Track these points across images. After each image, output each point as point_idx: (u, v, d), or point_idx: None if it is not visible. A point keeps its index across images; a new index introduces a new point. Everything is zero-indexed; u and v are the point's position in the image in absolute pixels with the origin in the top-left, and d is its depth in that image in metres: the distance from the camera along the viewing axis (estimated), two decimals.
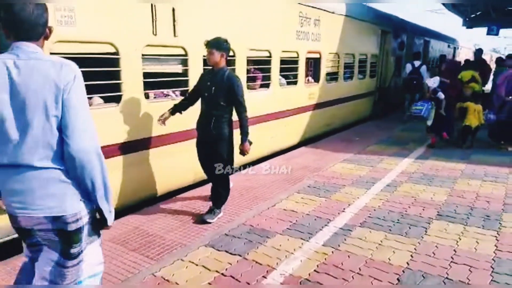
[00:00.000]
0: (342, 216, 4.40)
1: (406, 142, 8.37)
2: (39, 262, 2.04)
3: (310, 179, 5.74)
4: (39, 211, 1.90)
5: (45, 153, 1.87)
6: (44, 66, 1.85)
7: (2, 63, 1.83)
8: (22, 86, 1.81)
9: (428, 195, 5.06)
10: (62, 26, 3.67)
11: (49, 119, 1.84)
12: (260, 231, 4.02)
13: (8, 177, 1.89)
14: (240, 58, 6.03)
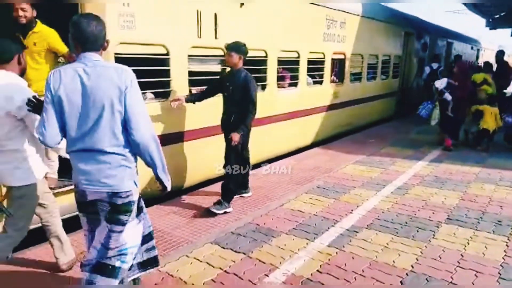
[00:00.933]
0: (349, 217, 4.39)
1: (421, 144, 8.25)
2: (98, 231, 2.46)
3: (320, 180, 5.73)
4: (103, 187, 2.35)
5: (111, 141, 2.31)
6: (108, 71, 2.29)
7: (74, 71, 2.28)
8: (92, 88, 2.25)
9: (440, 199, 5.00)
10: (124, 30, 4.15)
11: (114, 114, 2.28)
12: (266, 230, 4.05)
13: (81, 160, 2.35)
14: (272, 58, 6.47)
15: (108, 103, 2.25)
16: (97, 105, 2.26)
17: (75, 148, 2.35)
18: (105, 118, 2.27)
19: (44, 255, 3.46)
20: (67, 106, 2.28)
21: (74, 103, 2.28)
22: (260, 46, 6.25)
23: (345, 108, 9.26)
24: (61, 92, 2.27)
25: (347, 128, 9.65)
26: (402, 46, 11.94)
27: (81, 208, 2.48)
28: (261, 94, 6.07)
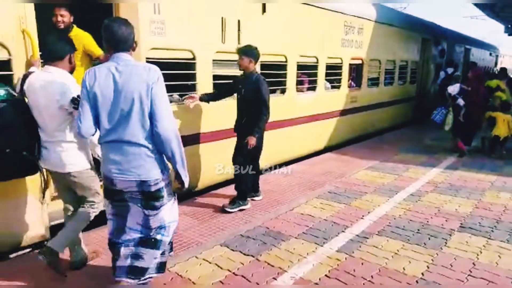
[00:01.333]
0: (360, 223, 4.36)
1: (436, 151, 8.15)
2: (131, 215, 2.69)
3: (332, 185, 5.71)
4: (131, 176, 2.57)
5: (140, 133, 2.54)
6: (138, 69, 2.54)
7: (107, 69, 2.54)
8: (123, 85, 2.49)
9: (453, 206, 4.92)
10: (155, 36, 4.40)
11: (143, 108, 2.50)
12: (275, 233, 4.05)
13: (112, 150, 2.58)
14: (291, 63, 6.66)
15: (137, 98, 2.49)
16: (128, 100, 2.49)
17: (107, 139, 2.59)
18: (135, 112, 2.50)
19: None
20: (101, 101, 2.53)
21: (107, 98, 2.52)
22: (280, 51, 6.46)
23: (362, 113, 9.39)
24: (96, 89, 2.52)
25: (364, 132, 9.72)
26: (419, 52, 12.03)
27: (109, 195, 2.70)
28: (281, 98, 6.60)
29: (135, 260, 2.71)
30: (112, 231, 2.77)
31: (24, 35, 3.50)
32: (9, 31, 3.42)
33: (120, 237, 2.73)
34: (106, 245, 2.89)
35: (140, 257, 2.71)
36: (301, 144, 7.40)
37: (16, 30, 3.46)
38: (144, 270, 2.72)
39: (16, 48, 3.47)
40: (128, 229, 2.72)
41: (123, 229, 2.73)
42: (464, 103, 7.56)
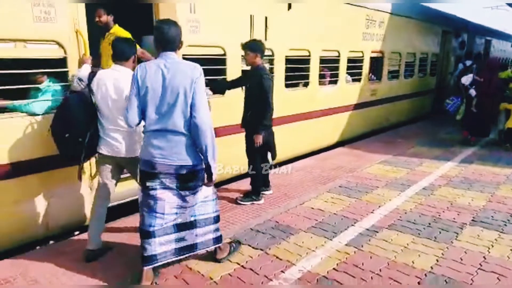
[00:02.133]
0: (370, 217, 4.36)
1: (451, 144, 8.03)
2: (169, 196, 2.97)
3: (343, 179, 5.70)
4: (172, 161, 2.88)
5: (182, 123, 2.83)
6: (183, 66, 2.86)
7: (156, 66, 2.85)
8: (170, 80, 2.80)
9: (466, 200, 4.87)
10: (191, 34, 4.72)
11: (186, 100, 2.80)
12: (285, 227, 4.09)
13: (157, 137, 2.87)
14: (314, 57, 6.92)
15: (182, 92, 2.79)
16: (174, 94, 2.80)
17: (152, 128, 2.88)
18: (179, 105, 2.81)
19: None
20: (150, 94, 2.83)
21: (156, 91, 2.83)
22: (304, 46, 6.72)
23: (383, 105, 9.60)
24: (146, 83, 2.82)
25: (384, 124, 9.89)
26: (439, 44, 12.06)
27: (147, 178, 2.96)
28: (304, 91, 6.95)
29: (179, 242, 3.08)
30: (145, 221, 2.99)
31: (77, 35, 3.84)
32: (65, 31, 3.73)
33: (155, 224, 2.97)
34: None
35: (183, 239, 3.08)
36: (323, 136, 7.70)
37: (71, 31, 3.78)
38: (192, 246, 3.12)
39: (71, 47, 3.79)
40: (161, 215, 2.97)
41: (155, 217, 2.96)
42: (476, 93, 7.71)
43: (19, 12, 3.41)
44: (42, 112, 3.69)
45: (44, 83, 3.81)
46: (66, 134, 3.31)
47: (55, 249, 3.66)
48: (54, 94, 3.79)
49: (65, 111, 3.35)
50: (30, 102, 3.66)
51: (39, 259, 3.44)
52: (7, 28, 3.37)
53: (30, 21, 3.48)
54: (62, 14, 3.67)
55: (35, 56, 3.61)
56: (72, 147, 3.35)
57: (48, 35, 3.63)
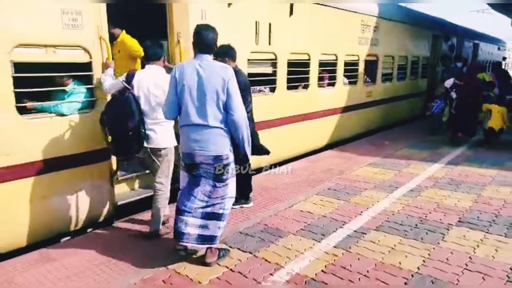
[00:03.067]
0: (358, 219, 4.39)
1: (438, 146, 8.13)
2: (201, 185, 3.26)
3: (332, 182, 5.74)
4: (209, 152, 3.17)
5: (215, 118, 3.14)
6: (217, 68, 3.17)
7: (193, 66, 3.15)
8: (205, 79, 3.10)
9: (452, 201, 4.93)
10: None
11: (219, 98, 3.11)
12: (274, 230, 4.10)
13: (194, 131, 3.17)
14: (314, 61, 7.30)
15: (215, 90, 3.09)
16: (208, 91, 3.09)
17: (189, 122, 3.17)
18: (212, 101, 3.10)
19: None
20: (187, 91, 3.13)
21: (193, 89, 3.12)
22: (304, 50, 7.09)
23: (377, 107, 10.01)
24: (184, 81, 3.12)
25: (378, 125, 10.25)
26: (430, 48, 12.49)
27: (187, 168, 3.29)
28: (304, 93, 7.35)
29: (203, 229, 3.30)
30: (182, 200, 3.32)
31: (101, 41, 4.11)
32: (90, 38, 4.00)
33: (187, 205, 3.28)
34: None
35: (206, 227, 3.30)
36: (321, 135, 8.05)
37: (95, 37, 4.05)
38: (212, 238, 3.32)
39: (95, 52, 4.06)
40: (194, 198, 3.27)
41: (190, 198, 3.28)
42: (456, 96, 8.22)
43: (51, 20, 3.67)
44: (69, 113, 3.96)
45: (70, 85, 4.08)
46: (130, 132, 3.63)
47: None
48: (79, 96, 4.09)
49: (126, 108, 3.63)
50: (59, 103, 3.92)
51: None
52: (40, 34, 3.62)
53: (60, 28, 3.74)
54: (87, 21, 3.94)
55: (63, 61, 3.88)
56: (130, 142, 3.68)
57: (75, 41, 3.89)
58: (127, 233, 4.07)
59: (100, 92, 4.08)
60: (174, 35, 4.91)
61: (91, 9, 3.96)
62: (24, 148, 3.64)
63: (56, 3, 3.68)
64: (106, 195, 4.40)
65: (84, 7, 3.89)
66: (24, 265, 3.45)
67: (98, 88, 4.09)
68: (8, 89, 3.48)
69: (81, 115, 4.06)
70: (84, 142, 4.09)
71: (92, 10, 3.98)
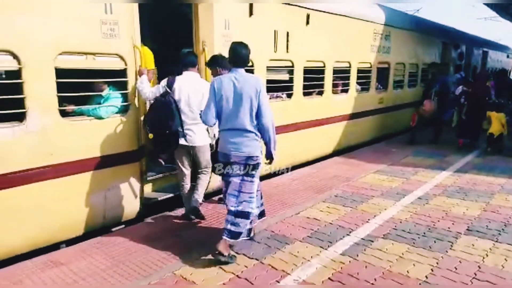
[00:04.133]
0: (365, 226, 4.37)
1: (446, 154, 8.08)
2: (233, 182, 3.66)
3: (338, 189, 5.72)
4: (243, 153, 3.59)
5: (249, 123, 3.55)
6: (249, 79, 3.60)
7: (229, 78, 3.58)
8: (240, 89, 3.52)
9: (461, 210, 4.89)
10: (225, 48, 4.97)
11: (252, 106, 3.53)
12: (280, 237, 4.09)
13: (231, 135, 3.59)
14: (329, 68, 7.57)
15: (249, 99, 3.51)
16: (243, 100, 3.51)
17: (226, 127, 3.62)
18: (247, 108, 3.52)
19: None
20: (224, 100, 3.55)
21: (230, 98, 3.54)
22: (319, 58, 7.35)
23: (389, 113, 10.25)
24: (222, 91, 3.55)
25: (390, 131, 10.39)
26: (440, 56, 12.66)
27: (225, 166, 3.69)
28: (319, 99, 7.62)
29: (233, 226, 3.61)
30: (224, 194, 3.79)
31: (135, 50, 4.39)
32: (126, 46, 4.29)
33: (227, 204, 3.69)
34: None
35: (237, 225, 3.61)
36: (336, 140, 8.30)
37: (130, 46, 4.34)
38: (239, 234, 3.63)
39: (130, 60, 4.35)
40: (229, 196, 3.67)
41: (227, 198, 3.69)
42: (465, 102, 8.63)
43: (91, 29, 3.97)
44: (106, 116, 4.25)
45: (105, 90, 4.36)
46: (169, 131, 4.09)
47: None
48: (115, 100, 4.37)
49: (168, 111, 4.10)
50: (98, 107, 4.22)
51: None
52: (81, 42, 3.91)
53: (99, 37, 4.03)
54: (123, 31, 4.21)
55: (102, 68, 4.14)
56: (170, 140, 4.14)
57: (113, 49, 4.18)
58: (134, 237, 4.08)
59: (133, 97, 4.43)
60: (200, 44, 5.18)
61: (126, 20, 4.22)
62: (65, 148, 3.93)
63: (96, 14, 3.98)
64: (137, 194, 4.68)
65: (121, 18, 4.16)
66: (32, 269, 3.47)
67: (131, 94, 4.42)
68: (52, 94, 3.76)
69: (116, 119, 4.36)
70: (119, 144, 4.38)
71: (128, 21, 4.24)
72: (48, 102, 3.74)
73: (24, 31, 3.52)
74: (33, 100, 3.64)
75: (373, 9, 8.95)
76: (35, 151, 3.72)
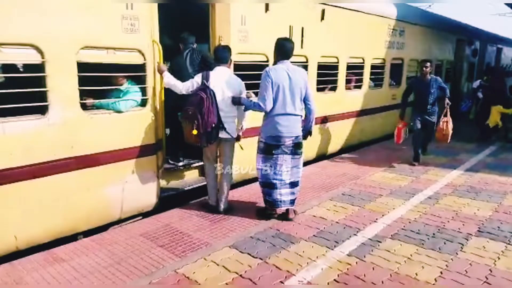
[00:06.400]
0: (373, 226, 4.27)
1: (457, 152, 7.92)
2: (283, 162, 4.22)
3: (346, 187, 5.62)
4: (293, 134, 4.19)
5: (298, 108, 4.18)
6: (298, 70, 4.25)
7: (283, 69, 4.11)
8: (292, 79, 4.09)
9: (471, 210, 4.76)
10: (241, 43, 5.37)
11: (301, 93, 4.18)
12: (285, 236, 4.01)
13: (283, 119, 4.12)
14: (342, 64, 7.53)
15: (299, 88, 4.13)
16: (295, 88, 4.10)
17: (280, 112, 4.10)
18: (298, 95, 4.13)
19: None
20: (281, 88, 4.04)
21: (285, 87, 4.07)
22: (333, 53, 7.31)
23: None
24: (278, 81, 4.03)
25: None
26: (454, 52, 12.49)
27: (269, 150, 4.20)
28: (332, 95, 7.58)
29: (292, 195, 4.33)
30: (268, 177, 4.25)
31: (153, 44, 4.38)
32: (145, 41, 4.29)
33: (278, 179, 4.22)
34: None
35: (293, 193, 4.34)
36: (349, 136, 8.25)
37: (149, 41, 4.33)
38: (295, 200, 4.41)
39: (149, 54, 4.34)
40: (281, 173, 4.22)
41: (278, 174, 4.22)
42: (482, 96, 9.20)
43: (113, 24, 3.98)
44: (125, 110, 4.27)
45: (124, 84, 4.40)
46: (213, 125, 4.15)
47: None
48: (134, 95, 4.39)
49: (211, 104, 4.12)
50: (117, 101, 4.22)
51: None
52: (103, 37, 3.93)
53: (120, 32, 4.05)
54: (143, 26, 4.22)
55: (122, 62, 4.17)
56: (213, 133, 4.20)
57: (133, 44, 4.19)
58: (137, 234, 4.03)
59: (151, 91, 4.44)
60: (216, 39, 5.21)
61: (146, 15, 4.24)
62: (85, 141, 3.95)
63: (118, 9, 3.99)
64: (154, 187, 4.70)
65: (141, 13, 4.18)
66: (34, 265, 3.43)
67: (150, 88, 4.43)
68: (74, 87, 3.79)
69: (135, 113, 4.38)
70: (137, 137, 4.41)
71: (147, 16, 4.26)
72: (70, 95, 3.77)
73: (48, 26, 3.54)
74: (55, 93, 3.67)
75: (387, 5, 8.82)
76: (56, 143, 3.76)
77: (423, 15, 10.72)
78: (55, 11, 3.56)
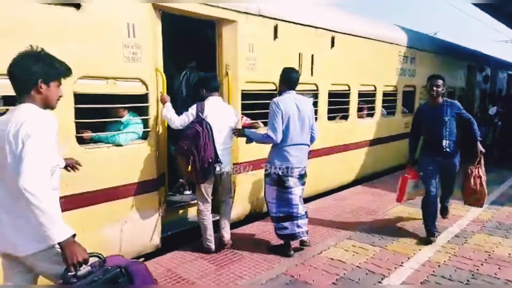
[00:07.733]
0: (399, 271, 3.81)
1: None
2: (295, 194, 4.08)
3: (364, 224, 5.17)
4: (302, 164, 4.10)
5: (307, 139, 4.14)
6: (305, 100, 4.25)
7: (291, 100, 4.04)
8: (301, 109, 4.03)
9: (505, 250, 4.30)
10: (248, 71, 5.13)
11: (310, 122, 4.14)
12: (301, 284, 3.56)
13: (294, 150, 4.03)
14: (353, 92, 7.28)
15: (308, 118, 4.09)
16: (304, 118, 4.05)
17: (291, 143, 4.01)
18: (307, 125, 4.10)
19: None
20: (291, 119, 3.97)
21: (295, 117, 4.00)
22: (344, 81, 7.06)
23: None
24: (287, 110, 3.96)
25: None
26: (465, 79, 12.34)
27: (285, 179, 4.03)
28: (344, 123, 7.29)
29: (306, 226, 4.19)
30: (282, 208, 4.09)
31: (156, 73, 4.16)
32: (148, 70, 4.05)
33: (295, 212, 4.07)
34: None
35: (306, 223, 4.21)
36: (362, 166, 7.88)
37: (152, 70, 4.09)
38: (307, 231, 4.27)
39: (152, 84, 4.08)
40: (297, 205, 4.09)
41: (294, 206, 4.07)
42: (500, 122, 9.42)
43: (113, 53, 3.73)
44: (125, 143, 3.96)
45: (125, 116, 4.10)
46: (211, 160, 3.91)
47: None
48: (135, 127, 4.10)
49: (207, 139, 3.89)
50: (116, 134, 3.92)
51: None
52: (103, 66, 3.67)
53: (121, 61, 3.80)
54: (146, 54, 3.98)
55: (123, 92, 3.88)
56: (210, 168, 3.94)
57: (135, 73, 3.94)
58: None
59: (154, 123, 4.17)
60: (223, 67, 4.94)
61: (149, 43, 4.02)
62: (81, 177, 3.44)
63: (119, 38, 3.76)
64: (156, 226, 4.34)
65: (144, 42, 3.95)
66: None
67: (152, 120, 4.16)
68: (70, 120, 3.53)
69: (136, 146, 4.08)
70: (139, 172, 4.09)
71: (150, 44, 4.03)
72: (65, 129, 3.42)
73: None
74: None
75: (397, 31, 8.70)
76: None
77: (433, 41, 10.61)
78: (50, 39, 3.28)
